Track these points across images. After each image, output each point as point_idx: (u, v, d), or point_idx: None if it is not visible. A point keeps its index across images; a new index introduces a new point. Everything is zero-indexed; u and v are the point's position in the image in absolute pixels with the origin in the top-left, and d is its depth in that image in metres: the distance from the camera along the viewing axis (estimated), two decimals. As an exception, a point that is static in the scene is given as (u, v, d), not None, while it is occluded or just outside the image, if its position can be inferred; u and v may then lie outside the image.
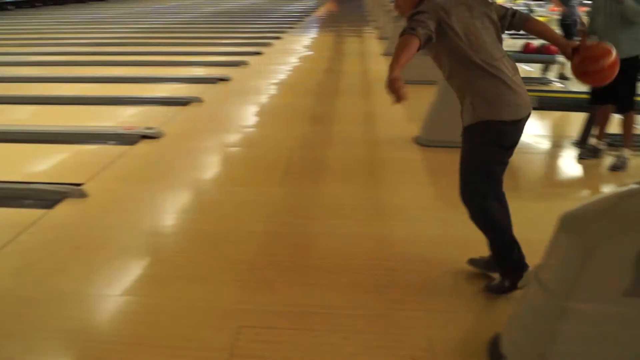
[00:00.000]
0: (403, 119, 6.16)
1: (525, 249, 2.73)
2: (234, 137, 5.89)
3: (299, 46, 12.80)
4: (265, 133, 6.02)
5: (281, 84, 8.82)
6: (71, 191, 4.11)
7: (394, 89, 2.30)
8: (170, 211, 4.06)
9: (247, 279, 3.03)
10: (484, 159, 2.66)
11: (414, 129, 5.49)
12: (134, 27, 16.65)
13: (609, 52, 2.63)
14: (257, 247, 3.39)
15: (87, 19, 20.05)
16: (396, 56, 2.40)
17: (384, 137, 5.73)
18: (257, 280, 3.02)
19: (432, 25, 2.48)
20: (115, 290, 2.98)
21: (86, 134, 5.72)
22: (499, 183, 2.76)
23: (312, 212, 3.95)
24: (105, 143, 5.46)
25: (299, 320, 2.66)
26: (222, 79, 8.59)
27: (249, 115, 6.87)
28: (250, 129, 6.30)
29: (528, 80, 7.67)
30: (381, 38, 13.28)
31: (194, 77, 9.03)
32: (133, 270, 3.20)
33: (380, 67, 9.45)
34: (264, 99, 7.78)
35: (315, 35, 15.07)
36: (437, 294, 2.85)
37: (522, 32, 2.83)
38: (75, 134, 5.74)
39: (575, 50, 2.64)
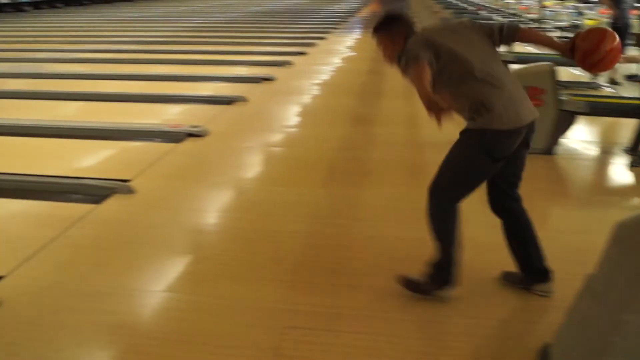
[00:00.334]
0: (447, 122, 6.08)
1: (575, 257, 2.67)
2: (277, 137, 5.91)
3: (343, 47, 12.78)
4: (308, 133, 6.03)
5: (325, 85, 8.82)
6: (119, 187, 4.19)
7: (432, 104, 2.29)
8: (214, 209, 4.10)
9: (290, 279, 3.03)
10: (468, 165, 2.64)
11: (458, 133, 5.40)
12: (181, 26, 16.91)
13: (604, 35, 2.53)
14: (300, 248, 3.39)
15: (134, 17, 20.43)
16: (418, 86, 2.41)
17: (428, 139, 5.66)
18: (300, 280, 3.02)
19: (427, 53, 2.49)
20: (159, 286, 3.03)
21: (133, 131, 5.83)
22: (509, 196, 2.74)
23: (355, 214, 3.93)
24: (151, 140, 5.54)
25: (343, 322, 2.65)
26: (266, 78, 8.64)
27: (293, 115, 6.89)
28: (294, 129, 6.32)
29: (577, 85, 7.49)
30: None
31: (239, 76, 9.09)
32: (177, 267, 3.24)
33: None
34: (307, 99, 7.80)
35: (358, 36, 15.01)
36: (484, 301, 2.79)
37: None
38: (123, 130, 5.86)
39: (574, 47, 2.55)
